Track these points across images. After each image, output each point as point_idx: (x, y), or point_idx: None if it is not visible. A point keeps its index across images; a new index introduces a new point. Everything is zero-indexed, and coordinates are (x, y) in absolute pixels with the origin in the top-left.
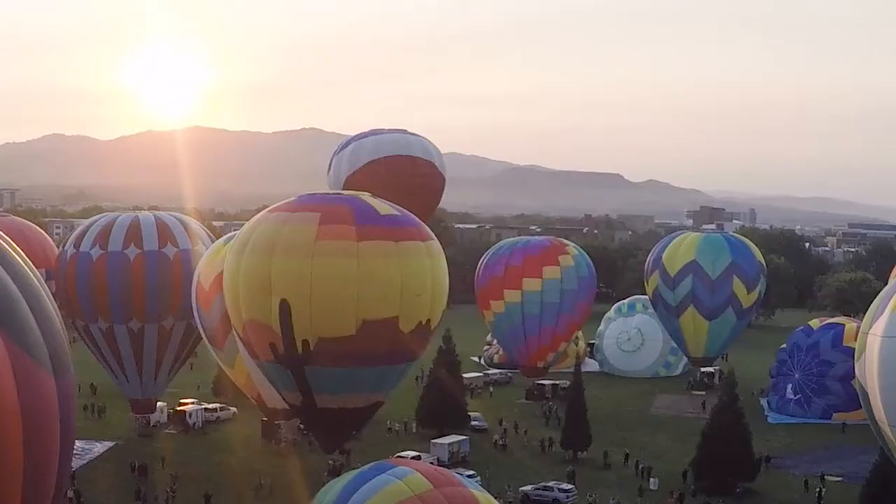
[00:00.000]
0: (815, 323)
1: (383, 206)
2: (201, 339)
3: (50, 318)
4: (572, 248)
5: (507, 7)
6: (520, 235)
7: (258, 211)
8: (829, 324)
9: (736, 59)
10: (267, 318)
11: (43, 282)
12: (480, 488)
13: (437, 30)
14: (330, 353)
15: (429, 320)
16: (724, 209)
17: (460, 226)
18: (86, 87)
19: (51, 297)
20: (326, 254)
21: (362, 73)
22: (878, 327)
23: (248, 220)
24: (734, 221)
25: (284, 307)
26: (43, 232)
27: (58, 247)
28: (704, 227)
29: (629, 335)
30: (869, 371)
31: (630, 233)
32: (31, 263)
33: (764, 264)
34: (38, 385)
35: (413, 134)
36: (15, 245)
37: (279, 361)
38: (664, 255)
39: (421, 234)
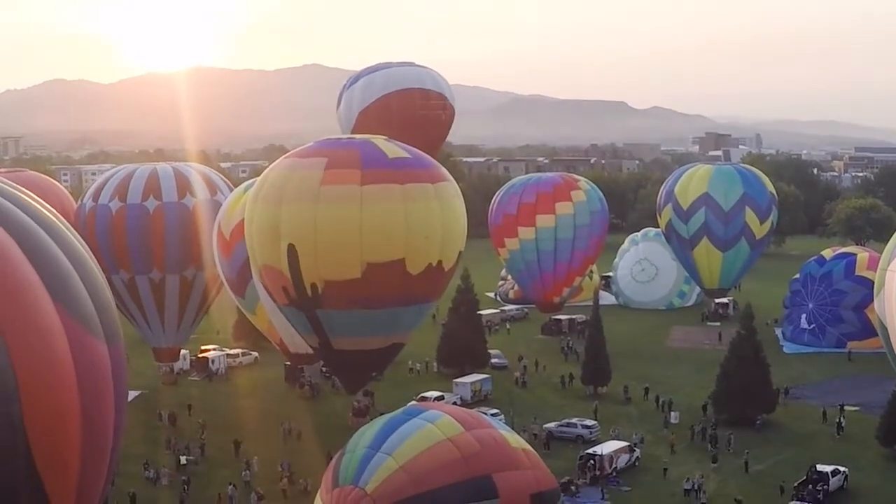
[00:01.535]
0: (827, 253)
1: (394, 150)
2: (223, 287)
3: (98, 285)
4: (584, 182)
5: None
6: (527, 167)
7: (264, 150)
8: (842, 253)
9: None
10: (278, 263)
11: (87, 248)
12: (509, 429)
13: None
14: (338, 297)
15: (440, 262)
16: (730, 135)
17: (468, 160)
18: (85, 31)
19: (96, 262)
20: (330, 198)
21: (363, 7)
22: None
23: (254, 159)
24: (740, 147)
25: (292, 252)
26: (60, 186)
27: (74, 198)
28: (711, 153)
29: (642, 266)
30: (889, 307)
31: (637, 162)
32: (72, 229)
33: (775, 195)
34: (92, 355)
35: (422, 66)
36: (57, 213)
37: (293, 305)
38: (676, 188)
39: (430, 175)
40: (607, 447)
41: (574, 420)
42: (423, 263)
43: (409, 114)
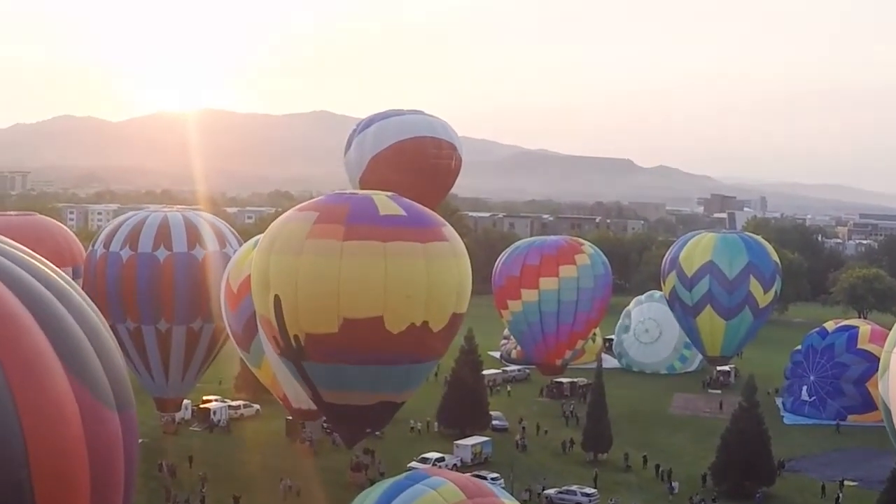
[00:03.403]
0: (829, 325)
1: (390, 207)
2: (228, 340)
3: (110, 352)
4: (588, 246)
5: None
6: (532, 224)
7: (269, 195)
8: (844, 326)
9: (747, 42)
10: (268, 313)
11: (101, 315)
12: (511, 497)
13: (445, 12)
14: (319, 350)
15: (426, 322)
16: (734, 197)
17: (473, 214)
18: (96, 68)
19: (108, 328)
20: (311, 251)
21: (372, 56)
22: None
23: (260, 205)
24: (745, 209)
25: (277, 302)
26: (69, 231)
27: (83, 243)
28: (716, 215)
29: (646, 326)
30: (893, 391)
31: (642, 222)
32: (85, 295)
33: (779, 263)
34: (103, 423)
35: (431, 115)
36: (69, 277)
37: (283, 355)
38: (681, 256)
39: (422, 234)
40: None
41: (574, 487)
42: (404, 323)
43: (421, 161)
